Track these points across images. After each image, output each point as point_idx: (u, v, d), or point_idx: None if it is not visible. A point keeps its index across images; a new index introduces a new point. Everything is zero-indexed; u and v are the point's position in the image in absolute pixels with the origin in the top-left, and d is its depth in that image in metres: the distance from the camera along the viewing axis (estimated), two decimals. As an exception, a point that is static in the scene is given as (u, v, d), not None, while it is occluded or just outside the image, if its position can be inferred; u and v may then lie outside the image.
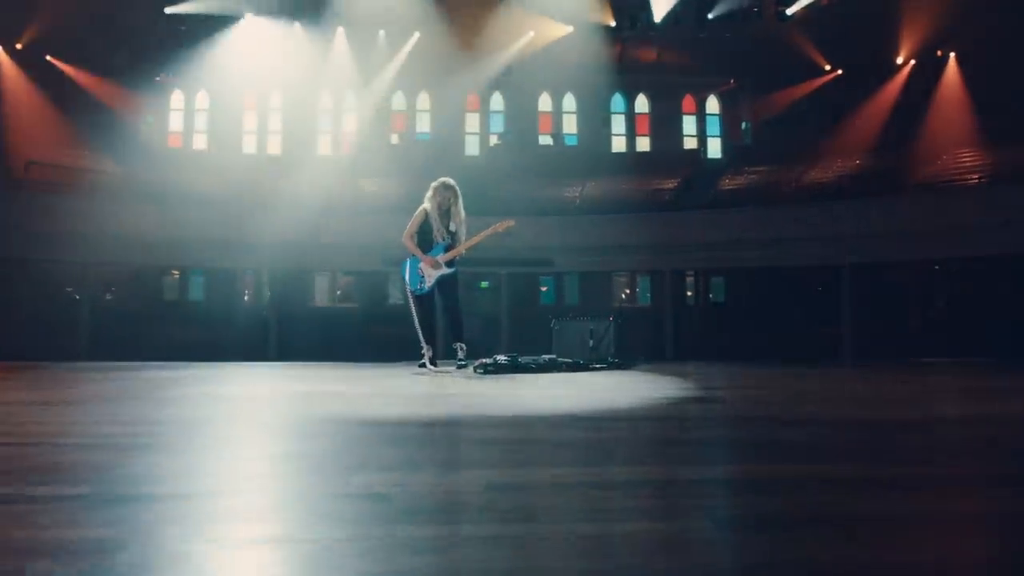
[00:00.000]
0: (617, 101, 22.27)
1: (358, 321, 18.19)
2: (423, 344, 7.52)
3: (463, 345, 7.90)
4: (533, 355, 8.45)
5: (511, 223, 7.59)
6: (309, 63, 19.56)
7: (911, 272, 16.29)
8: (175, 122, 21.17)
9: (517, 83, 21.03)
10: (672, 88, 21.73)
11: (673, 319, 16.78)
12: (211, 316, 17.22)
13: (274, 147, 21.28)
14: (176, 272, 19.03)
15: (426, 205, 7.52)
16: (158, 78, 20.37)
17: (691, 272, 18.67)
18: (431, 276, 7.54)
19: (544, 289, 20.16)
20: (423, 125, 22.02)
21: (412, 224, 7.57)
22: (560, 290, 20.12)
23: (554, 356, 7.99)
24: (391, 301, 19.22)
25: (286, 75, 20.15)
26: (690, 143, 22.05)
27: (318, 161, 20.50)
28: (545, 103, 22.20)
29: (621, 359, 9.13)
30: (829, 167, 17.89)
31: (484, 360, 7.53)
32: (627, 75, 21.09)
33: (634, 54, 21.14)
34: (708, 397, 5.18)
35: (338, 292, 20.84)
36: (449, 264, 7.43)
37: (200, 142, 21.05)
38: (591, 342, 9.87)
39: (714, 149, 22.07)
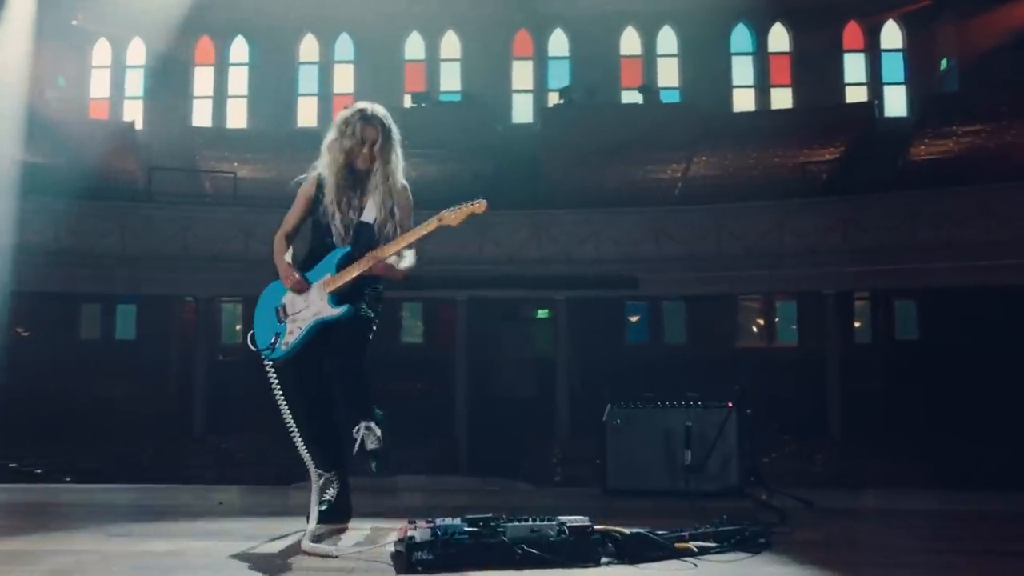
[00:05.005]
0: (740, 36, 21.16)
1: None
2: (310, 467, 4.50)
3: (372, 426, 4.54)
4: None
5: (478, 206, 4.42)
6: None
7: None
8: (99, 84, 20.37)
9: (588, 13, 20.06)
10: (826, 12, 20.32)
11: (839, 369, 15.53)
12: (141, 361, 17.18)
13: (237, 118, 20.73)
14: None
15: (319, 165, 4.65)
16: (74, 21, 19.34)
17: (863, 293, 17.58)
18: (297, 321, 4.56)
19: (634, 319, 19.47)
20: (450, 81, 21.03)
21: (293, 209, 4.71)
22: (656, 322, 19.12)
23: (584, 519, 4.08)
24: (405, 340, 19.15)
25: (256, 10, 19.53)
26: (857, 94, 20.62)
27: (297, 137, 18.81)
28: (630, 42, 21.10)
29: (750, 508, 5.61)
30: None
31: (412, 534, 3.95)
32: (755, -5, 19.99)
33: (765, -38, 19.98)
34: None
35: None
36: (343, 296, 4.50)
37: (133, 112, 20.21)
38: (687, 454, 6.54)
39: (896, 102, 20.61)
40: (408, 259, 4.59)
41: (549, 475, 13.61)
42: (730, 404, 6.75)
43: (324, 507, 4.50)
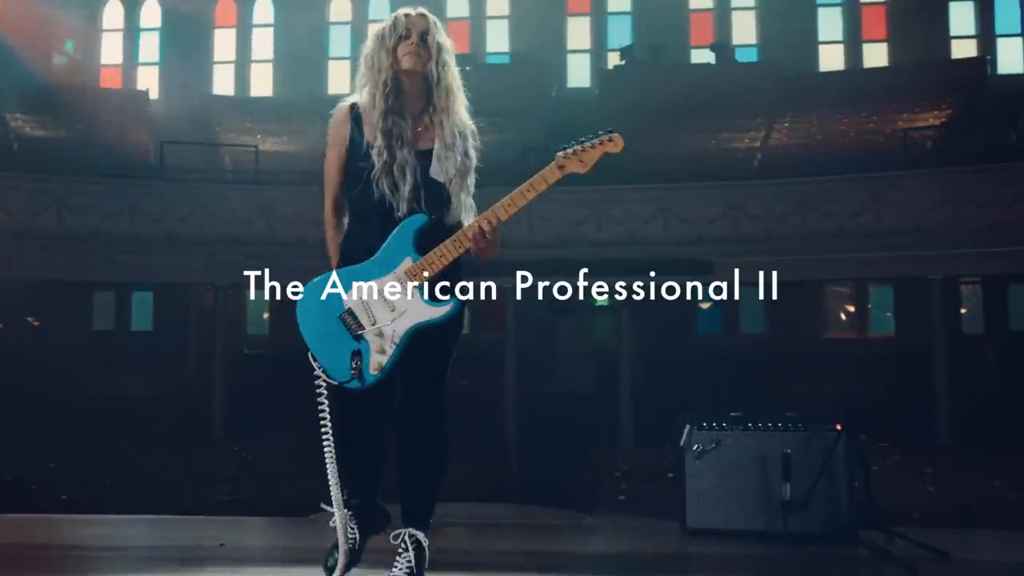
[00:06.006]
0: (827, -16, 20.99)
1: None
2: (335, 497, 3.82)
3: (420, 537, 3.70)
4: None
5: (613, 143, 3.68)
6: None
7: None
8: (110, 50, 20.87)
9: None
10: (928, -46, 20.28)
11: (947, 366, 15.21)
12: (159, 354, 17.47)
13: (261, 85, 21.08)
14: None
15: (359, 96, 3.84)
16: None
17: (972, 277, 17.49)
18: (385, 335, 3.62)
19: (705, 307, 19.20)
20: (498, 41, 21.39)
21: (329, 158, 3.82)
22: (732, 312, 19.12)
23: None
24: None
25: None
26: (964, 48, 20.45)
27: (327, 105, 18.80)
28: (701, -6, 20.92)
29: (866, 558, 5.35)
30: None
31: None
32: (846, -63, 20.24)
33: None
34: None
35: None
36: (440, 284, 3.65)
37: (148, 79, 20.51)
38: (786, 487, 5.99)
39: (1012, 56, 20.32)
40: None
41: (612, 493, 13.15)
42: (839, 426, 6.12)
43: (352, 536, 3.82)
